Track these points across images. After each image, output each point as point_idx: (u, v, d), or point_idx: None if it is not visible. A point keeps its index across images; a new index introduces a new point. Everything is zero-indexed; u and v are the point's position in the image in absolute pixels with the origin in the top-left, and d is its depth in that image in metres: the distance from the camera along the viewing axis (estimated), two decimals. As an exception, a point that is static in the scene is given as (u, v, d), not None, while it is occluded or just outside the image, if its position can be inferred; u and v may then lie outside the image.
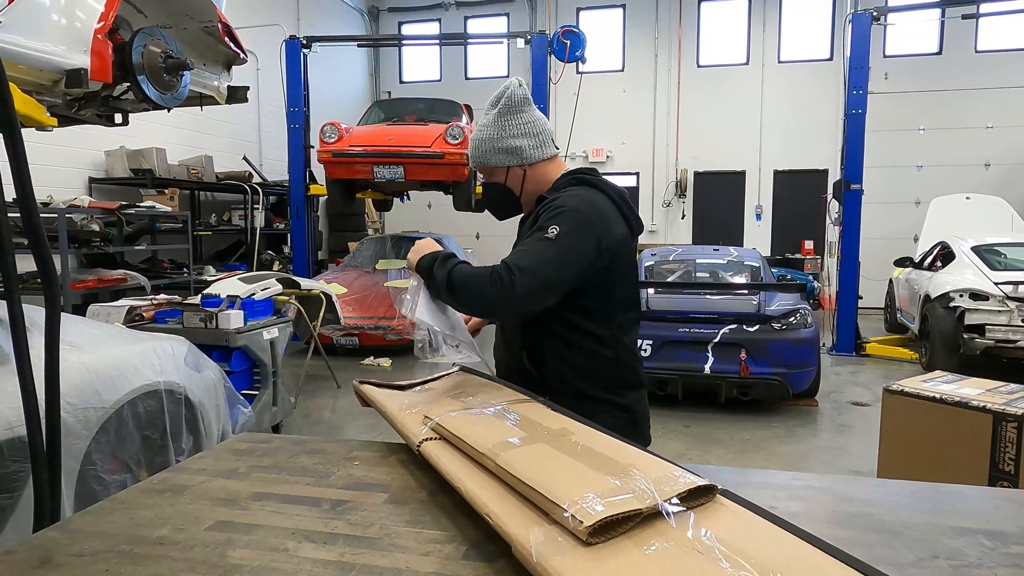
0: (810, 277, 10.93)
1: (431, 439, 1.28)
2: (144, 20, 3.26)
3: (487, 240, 13.13)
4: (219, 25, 3.51)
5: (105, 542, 1.07)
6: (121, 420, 2.70)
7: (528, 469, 1.00)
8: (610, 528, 0.85)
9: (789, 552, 0.83)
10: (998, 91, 11.21)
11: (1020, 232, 8.29)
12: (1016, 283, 5.96)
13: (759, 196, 12.44)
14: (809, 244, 11.93)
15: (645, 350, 5.22)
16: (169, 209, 7.20)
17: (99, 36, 2.77)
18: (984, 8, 9.31)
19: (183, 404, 3.05)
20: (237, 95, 4.07)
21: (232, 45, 3.65)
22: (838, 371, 6.97)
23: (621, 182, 12.75)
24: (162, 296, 4.80)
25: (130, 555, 1.03)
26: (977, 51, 11.41)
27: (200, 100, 3.85)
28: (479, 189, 1.55)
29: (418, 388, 1.68)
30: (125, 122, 3.50)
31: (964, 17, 9.14)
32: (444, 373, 1.78)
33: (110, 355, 2.77)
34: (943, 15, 10.24)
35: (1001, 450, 2.00)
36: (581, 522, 0.83)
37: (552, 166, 1.74)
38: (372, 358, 7.18)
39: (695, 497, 0.94)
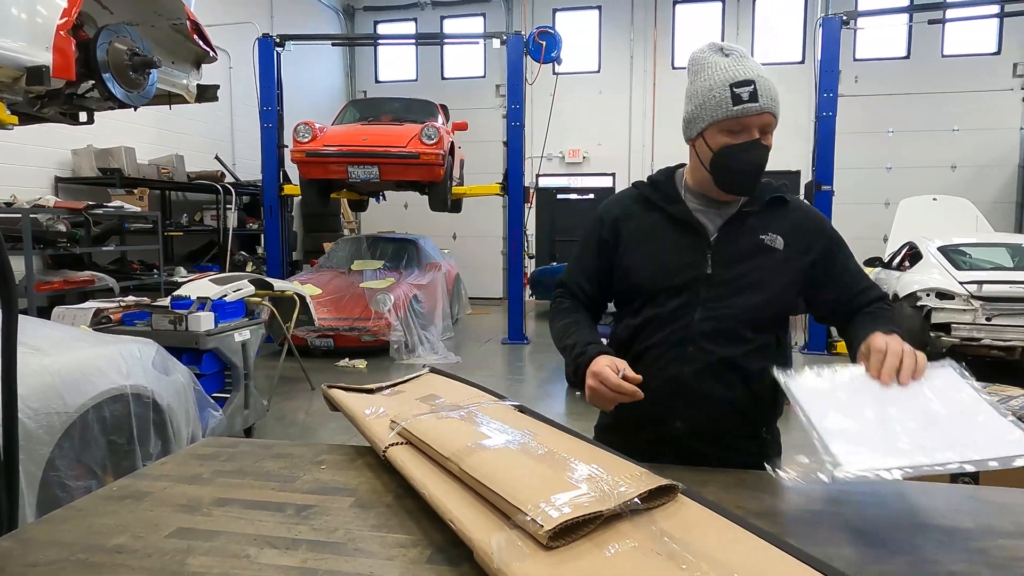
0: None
1: (397, 444, 1.27)
2: (110, 17, 3.19)
3: (464, 241, 13.11)
4: (188, 22, 3.46)
5: (60, 551, 1.04)
6: (86, 425, 2.64)
7: (491, 473, 0.99)
8: (571, 531, 0.85)
9: (749, 552, 0.84)
10: (963, 95, 11.48)
11: (984, 232, 8.50)
12: (980, 282, 6.10)
13: (733, 197, 12.57)
14: (782, 244, 12.09)
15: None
16: (138, 209, 7.08)
17: (62, 32, 2.71)
18: (950, 14, 9.53)
19: (151, 408, 2.99)
20: (207, 94, 4.01)
21: (201, 43, 3.59)
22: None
23: (597, 183, 12.77)
24: (130, 298, 4.71)
25: (86, 564, 1.01)
26: (943, 56, 11.66)
27: (169, 99, 3.79)
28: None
29: (387, 391, 1.66)
30: (90, 121, 3.43)
31: (931, 22, 9.34)
32: (414, 375, 1.77)
33: (75, 358, 2.71)
34: (911, 20, 10.46)
35: (962, 447, 2.04)
36: (541, 526, 0.83)
37: None
38: (347, 360, 7.13)
39: (657, 497, 0.94)
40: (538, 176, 10.86)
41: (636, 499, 0.90)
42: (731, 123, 1.37)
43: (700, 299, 1.45)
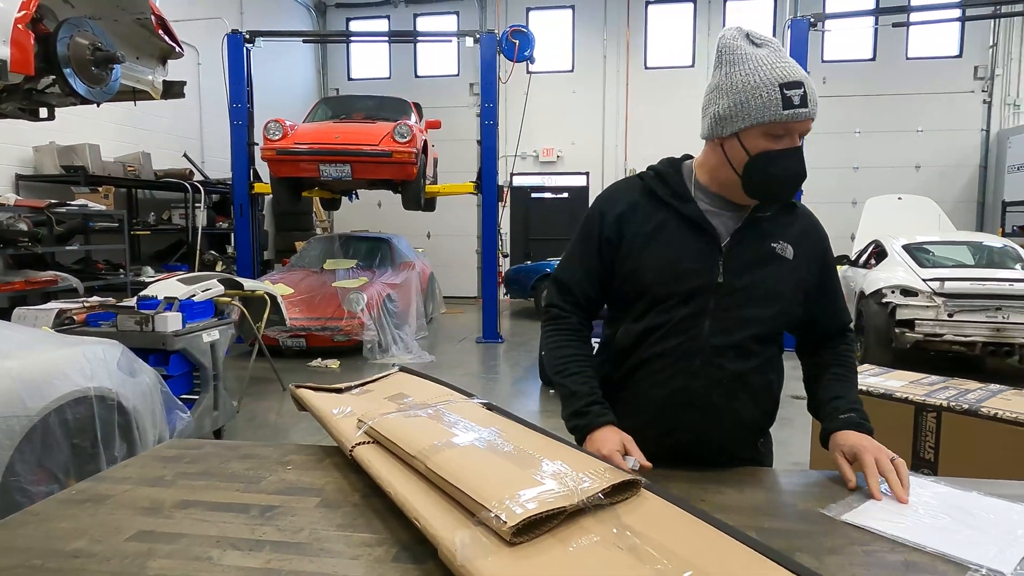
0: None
1: (364, 443, 1.26)
2: (71, 10, 3.12)
3: (438, 239, 13.07)
4: (152, 17, 3.39)
5: (16, 557, 1.02)
6: (48, 428, 2.58)
7: (457, 470, 0.99)
8: (535, 527, 0.85)
9: (709, 545, 0.85)
10: (927, 97, 11.76)
11: (947, 231, 8.71)
12: (943, 279, 6.26)
13: (705, 196, 12.72)
14: (752, 242, 12.27)
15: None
16: (103, 208, 6.92)
17: (20, 26, 2.64)
18: (913, 17, 9.75)
19: (116, 410, 2.93)
20: (173, 90, 3.94)
21: (167, 38, 3.53)
22: (779, 366, 7.18)
23: (571, 182, 12.81)
24: (95, 298, 4.60)
25: (42, 570, 0.98)
26: (908, 58, 11.93)
27: (134, 95, 3.72)
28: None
29: (356, 391, 1.65)
30: (51, 117, 3.35)
31: (895, 25, 9.55)
32: (383, 374, 1.76)
33: (36, 360, 2.64)
34: (876, 23, 10.68)
35: (922, 439, 2.10)
36: (505, 522, 0.83)
37: None
38: (320, 360, 7.06)
39: (620, 492, 0.95)
40: (512, 175, 10.87)
41: (599, 494, 0.91)
42: (777, 127, 1.27)
43: (709, 309, 1.37)
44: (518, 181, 12.47)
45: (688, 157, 1.50)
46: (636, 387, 1.44)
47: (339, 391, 1.66)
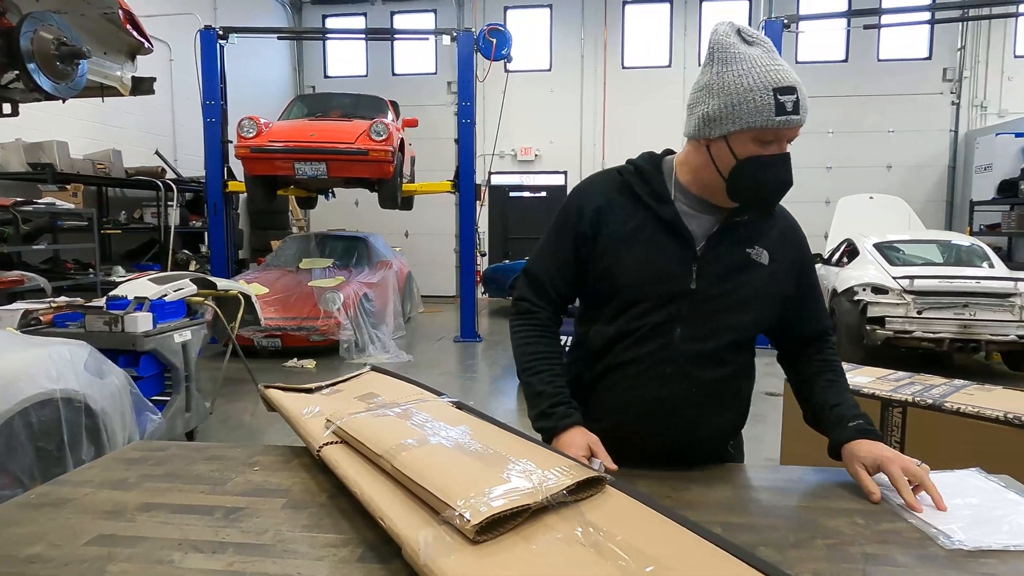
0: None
1: (332, 443, 1.25)
2: (35, 4, 3.05)
3: (416, 238, 13.01)
4: (120, 12, 3.32)
5: (-32, 563, 0.99)
6: (11, 432, 2.52)
7: (423, 469, 0.99)
8: (499, 525, 0.85)
9: (672, 541, 0.86)
10: (898, 97, 11.97)
11: (917, 230, 8.89)
12: (912, 277, 6.38)
13: (682, 195, 12.83)
14: (729, 241, 12.41)
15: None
16: (72, 206, 6.77)
17: (-19, 20, 2.58)
18: (885, 19, 9.93)
19: (83, 412, 2.88)
20: (143, 86, 3.87)
21: (135, 33, 3.46)
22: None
23: (549, 181, 12.83)
24: (62, 298, 4.50)
25: (-4, 576, 0.96)
26: (879, 60, 12.14)
27: (102, 91, 3.65)
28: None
29: (326, 391, 1.64)
30: (14, 113, 3.27)
31: (866, 27, 9.71)
32: (354, 374, 1.75)
33: (-1, 362, 2.58)
34: (848, 25, 10.85)
35: (888, 434, 2.14)
36: (469, 520, 0.83)
37: None
38: (296, 360, 6.99)
39: (585, 489, 0.96)
40: (490, 174, 10.85)
41: (564, 491, 0.91)
42: (768, 133, 1.24)
43: (682, 316, 1.34)
44: (496, 180, 12.46)
45: (669, 152, 1.46)
46: (608, 390, 1.41)
47: (309, 391, 1.64)
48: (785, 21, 8.00)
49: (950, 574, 0.97)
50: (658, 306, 1.34)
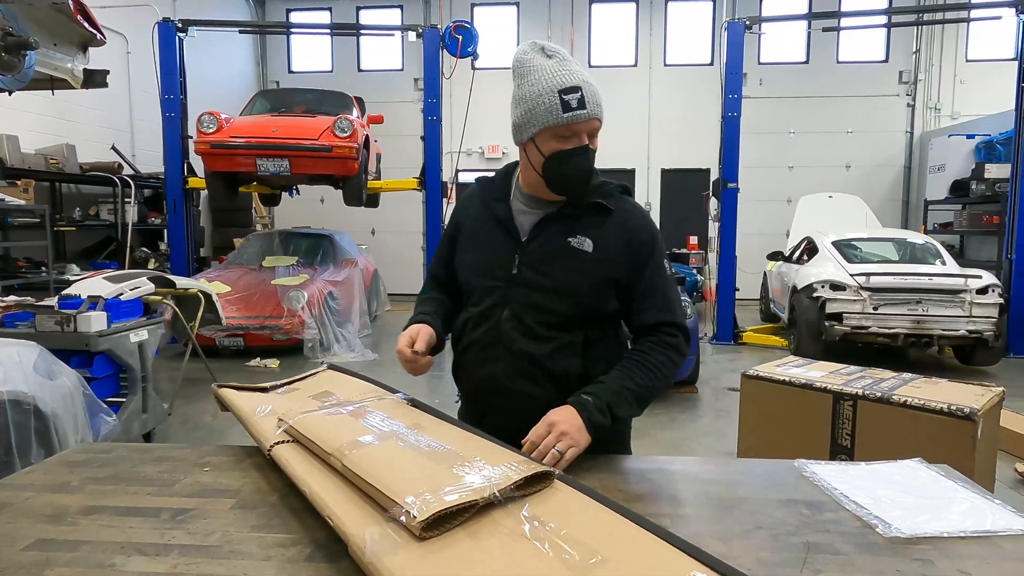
0: (695, 271, 11.51)
1: (284, 442, 1.24)
2: (-21, -7, 2.94)
3: (383, 236, 12.90)
4: (71, 2, 3.22)
5: None
6: (-46, 435, 2.44)
7: (372, 467, 0.99)
8: (446, 521, 0.85)
9: (617, 533, 0.87)
10: (856, 99, 12.27)
11: (873, 228, 9.13)
12: (868, 274, 6.55)
13: (648, 193, 12.96)
14: (694, 239, 12.57)
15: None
16: (23, 202, 6.56)
17: (-81, 8, 2.47)
18: (843, 23, 10.16)
19: (32, 415, 2.79)
20: (95, 79, 3.76)
21: (87, 24, 3.36)
22: (717, 359, 7.39)
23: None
24: (11, 298, 4.36)
25: (-75, 584, 0.93)
26: (839, 61, 12.41)
27: (51, 83, 3.54)
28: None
29: (281, 390, 1.62)
30: (-42, 105, 3.15)
31: (825, 30, 9.93)
32: (311, 372, 1.73)
33: (-60, 364, 2.49)
34: (809, 27, 11.08)
35: (840, 427, 2.20)
36: (415, 517, 0.83)
37: None
38: (259, 359, 6.88)
39: (533, 484, 0.96)
40: (457, 171, 10.82)
41: (511, 487, 0.92)
42: (561, 129, 1.39)
43: (508, 300, 1.50)
44: (464, 177, 12.41)
45: None
46: (463, 369, 1.60)
47: (264, 390, 1.62)
48: (747, 23, 8.13)
49: (887, 560, 1.00)
50: (488, 292, 1.53)
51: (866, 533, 1.08)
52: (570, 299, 1.48)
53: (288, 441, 1.23)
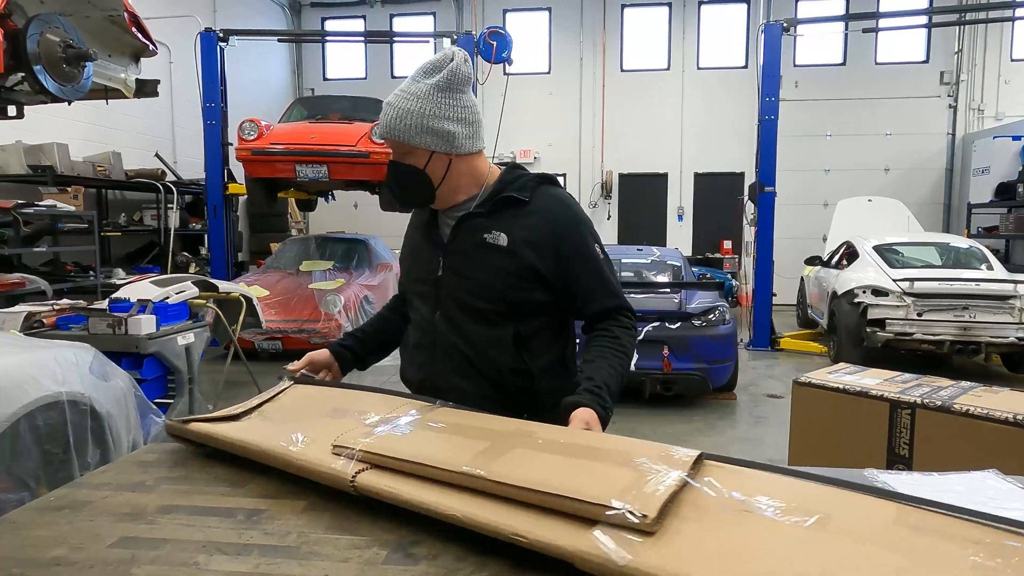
0: (729, 276, 11.38)
1: (362, 471, 1.16)
2: (40, 7, 3.04)
3: (415, 241, 13.00)
4: (125, 14, 3.32)
5: (-8, 567, 0.99)
6: (17, 435, 2.51)
7: (533, 476, 0.98)
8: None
9: (806, 491, 0.94)
10: (895, 101, 12.02)
11: (915, 232, 8.92)
12: (912, 279, 6.40)
13: (680, 198, 12.86)
14: (728, 244, 12.43)
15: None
16: (73, 208, 6.77)
17: (-12, 22, 2.57)
18: (883, 23, 9.97)
19: (88, 415, 2.87)
20: (146, 89, 3.87)
21: (140, 36, 3.46)
22: (754, 365, 7.29)
23: (548, 183, 12.92)
24: (65, 301, 4.50)
25: (21, 578, 0.96)
26: (877, 63, 12.19)
27: (105, 93, 3.65)
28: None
29: (254, 413, 1.47)
30: (20, 115, 3.27)
31: (864, 31, 9.75)
32: (279, 390, 1.61)
33: (5, 365, 2.57)
34: (846, 28, 10.90)
35: (897, 435, 2.15)
36: (645, 516, 0.83)
37: (480, 161, 1.57)
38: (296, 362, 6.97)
39: (695, 467, 1.01)
40: (490, 176, 10.88)
41: (688, 470, 0.97)
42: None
43: (439, 302, 1.56)
44: (495, 182, 12.46)
45: None
46: (413, 368, 1.66)
47: (235, 417, 1.46)
48: (784, 25, 8.02)
49: (973, 575, 0.97)
50: (421, 297, 1.62)
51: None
52: (490, 294, 1.50)
53: (367, 468, 1.16)
